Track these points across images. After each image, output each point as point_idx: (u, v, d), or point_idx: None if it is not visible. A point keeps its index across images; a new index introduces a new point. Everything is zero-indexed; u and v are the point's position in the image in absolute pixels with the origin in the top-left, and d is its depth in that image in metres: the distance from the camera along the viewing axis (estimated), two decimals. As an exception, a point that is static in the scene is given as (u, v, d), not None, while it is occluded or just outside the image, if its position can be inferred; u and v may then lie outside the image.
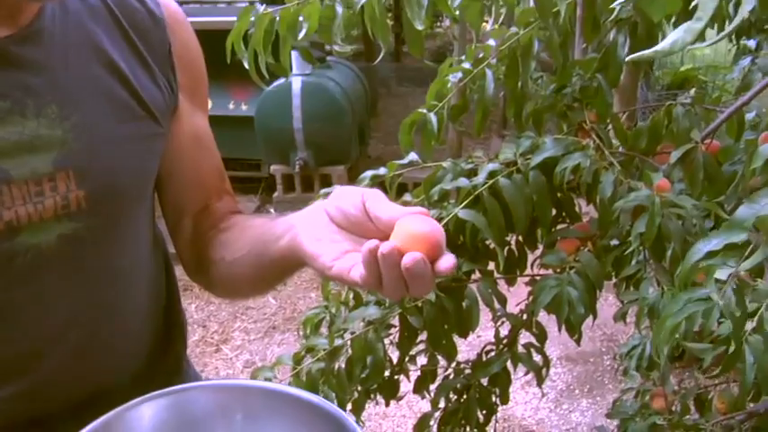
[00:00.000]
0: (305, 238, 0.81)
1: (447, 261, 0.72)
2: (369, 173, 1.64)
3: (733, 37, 2.80)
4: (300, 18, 1.49)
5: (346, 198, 0.80)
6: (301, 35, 1.47)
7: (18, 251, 0.85)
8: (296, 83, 4.90)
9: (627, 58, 1.22)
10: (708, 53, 6.99)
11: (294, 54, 5.10)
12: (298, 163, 4.98)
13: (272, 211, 5.22)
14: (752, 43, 2.57)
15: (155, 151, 0.98)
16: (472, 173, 1.55)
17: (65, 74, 0.87)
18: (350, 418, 0.75)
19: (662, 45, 0.76)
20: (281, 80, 4.93)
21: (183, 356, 1.17)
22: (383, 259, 0.71)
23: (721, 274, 1.10)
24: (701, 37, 0.76)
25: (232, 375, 3.44)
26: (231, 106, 5.26)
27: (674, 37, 0.75)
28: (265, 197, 5.43)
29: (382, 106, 6.96)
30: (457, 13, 1.41)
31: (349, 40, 1.57)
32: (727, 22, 2.76)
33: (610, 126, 1.67)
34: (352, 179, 1.69)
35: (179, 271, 1.13)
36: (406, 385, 1.92)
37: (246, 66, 1.50)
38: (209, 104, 1.11)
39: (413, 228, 0.73)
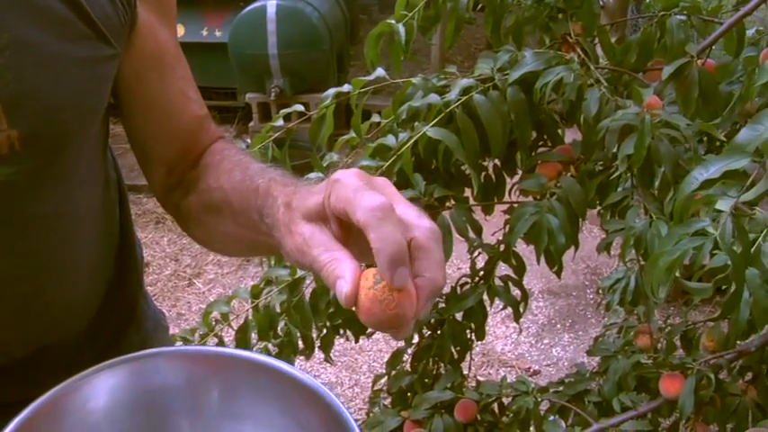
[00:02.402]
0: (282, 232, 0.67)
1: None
2: (332, 90, 1.50)
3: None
4: None
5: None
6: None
7: None
8: (270, 6, 4.69)
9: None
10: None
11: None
12: (273, 91, 4.80)
13: (248, 141, 5.06)
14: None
15: (103, 76, 0.80)
16: (445, 89, 1.42)
17: None
18: (349, 414, 0.61)
19: None
20: (255, 4, 4.74)
21: (139, 301, 1.05)
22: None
23: (722, 204, 0.98)
24: None
25: (204, 310, 3.34)
26: (204, 33, 5.04)
27: None
28: (242, 127, 5.27)
29: (363, 34, 6.74)
30: None
31: None
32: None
33: (596, 40, 1.53)
34: (330, 107, 1.55)
35: (150, 203, 0.99)
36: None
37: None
38: (182, 31, 0.94)
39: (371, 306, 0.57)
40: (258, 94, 4.97)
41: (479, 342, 1.87)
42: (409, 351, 1.87)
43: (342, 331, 1.79)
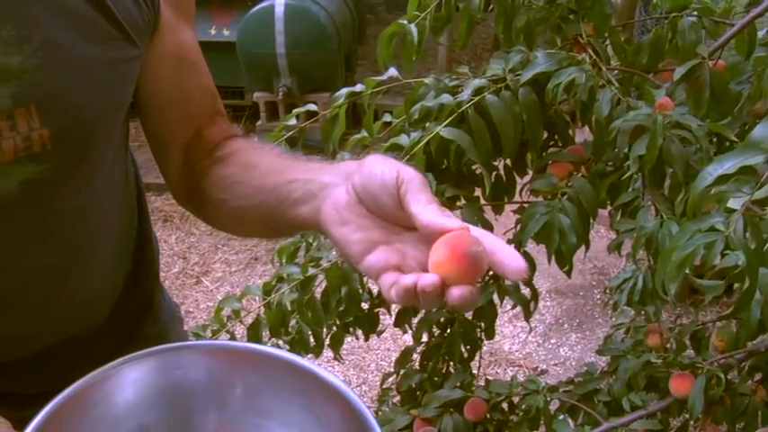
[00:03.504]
0: (330, 219, 0.70)
1: (455, 293, 0.60)
2: (344, 90, 1.51)
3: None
4: None
5: (378, 180, 0.66)
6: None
7: None
8: (278, 6, 4.70)
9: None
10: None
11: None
12: (281, 90, 4.81)
13: (255, 140, 5.07)
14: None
15: (129, 77, 0.83)
16: (457, 90, 1.42)
17: None
18: (368, 410, 0.63)
19: None
20: (264, 3, 4.75)
21: (156, 293, 1.07)
22: (423, 294, 0.60)
23: (735, 202, 0.98)
24: None
25: (213, 308, 3.35)
26: (213, 32, 5.06)
27: None
28: (249, 126, 5.28)
29: (370, 33, 6.74)
30: None
31: None
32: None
33: (607, 41, 1.54)
34: (337, 107, 1.55)
35: (158, 201, 1.01)
36: (389, 319, 1.83)
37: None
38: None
39: (443, 255, 0.61)
40: (266, 93, 4.98)
41: (487, 342, 1.87)
42: (418, 350, 1.88)
43: (351, 329, 1.81)
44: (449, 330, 1.80)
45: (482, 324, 1.78)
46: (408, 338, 2.07)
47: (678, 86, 1.39)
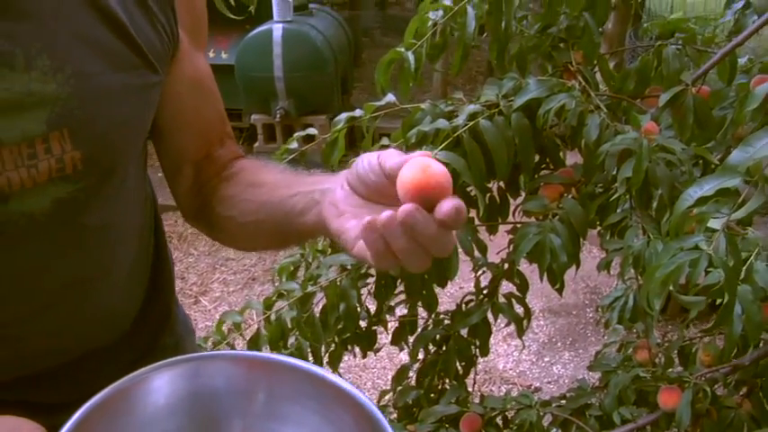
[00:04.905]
0: (328, 215, 0.76)
1: (446, 205, 0.63)
2: (344, 115, 1.57)
3: (725, -16, 2.74)
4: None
5: (364, 164, 0.72)
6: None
7: (11, 218, 0.78)
8: (276, 30, 4.78)
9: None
10: (699, 1, 6.89)
11: (275, 0, 4.96)
12: (279, 112, 4.88)
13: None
14: (745, -13, 2.49)
15: (151, 102, 0.89)
16: (452, 115, 1.48)
17: (54, 20, 0.77)
18: (380, 413, 0.67)
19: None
20: (262, 27, 4.82)
21: (172, 307, 1.12)
22: (385, 230, 0.65)
23: (715, 222, 1.04)
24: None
25: (210, 327, 3.39)
26: (211, 54, 5.13)
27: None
28: (247, 147, 5.34)
29: (366, 56, 6.83)
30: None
31: None
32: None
33: (596, 68, 1.60)
34: (334, 129, 1.62)
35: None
36: (385, 337, 1.88)
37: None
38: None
39: (407, 177, 0.65)
40: (263, 115, 5.04)
41: (482, 360, 1.92)
42: (414, 367, 1.92)
43: (349, 347, 1.85)
44: (444, 347, 1.85)
45: (477, 341, 1.83)
46: (404, 357, 2.12)
47: (663, 112, 1.45)
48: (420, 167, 0.65)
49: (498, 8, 1.52)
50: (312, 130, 1.63)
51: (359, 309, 1.70)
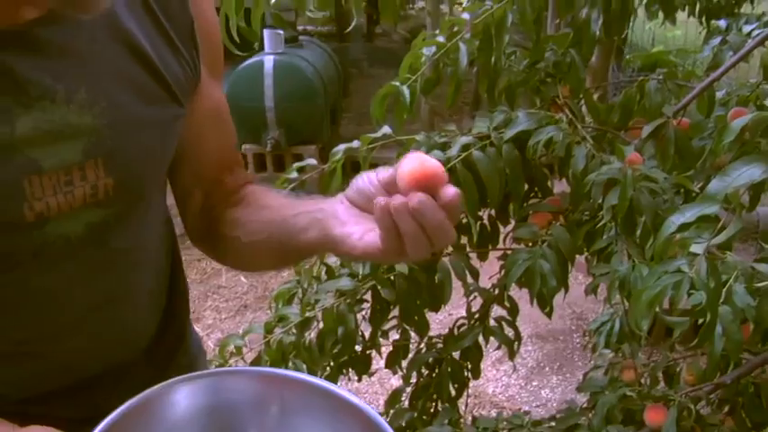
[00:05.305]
0: (330, 225, 0.84)
1: (448, 191, 0.73)
2: (342, 146, 1.63)
3: (703, 19, 2.85)
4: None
5: (362, 180, 0.82)
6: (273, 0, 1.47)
7: (47, 240, 0.83)
8: (267, 61, 4.85)
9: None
10: (679, 35, 7.05)
11: (266, 33, 5.03)
12: (269, 142, 4.94)
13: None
14: (722, 23, 2.60)
15: (175, 133, 0.95)
16: (446, 146, 1.56)
17: (91, 57, 0.83)
18: (388, 426, 0.73)
19: None
20: (254, 59, 4.89)
21: (187, 326, 1.17)
22: (396, 213, 0.73)
23: (696, 247, 1.12)
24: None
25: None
26: (202, 85, 5.20)
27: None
28: (237, 177, 5.39)
29: (354, 87, 6.93)
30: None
31: (322, 22, 1.56)
32: (697, 5, 2.79)
33: (582, 101, 1.68)
34: (324, 159, 1.69)
35: None
36: (378, 362, 1.93)
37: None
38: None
39: (407, 170, 0.73)
40: (254, 144, 5.10)
41: (472, 384, 1.97)
42: (407, 390, 1.97)
43: (345, 370, 1.90)
44: (437, 371, 1.90)
45: (468, 364, 1.89)
46: (395, 382, 2.17)
47: (646, 143, 1.53)
48: (418, 161, 0.74)
49: (488, 45, 1.60)
50: (311, 161, 1.70)
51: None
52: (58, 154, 0.81)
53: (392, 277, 1.65)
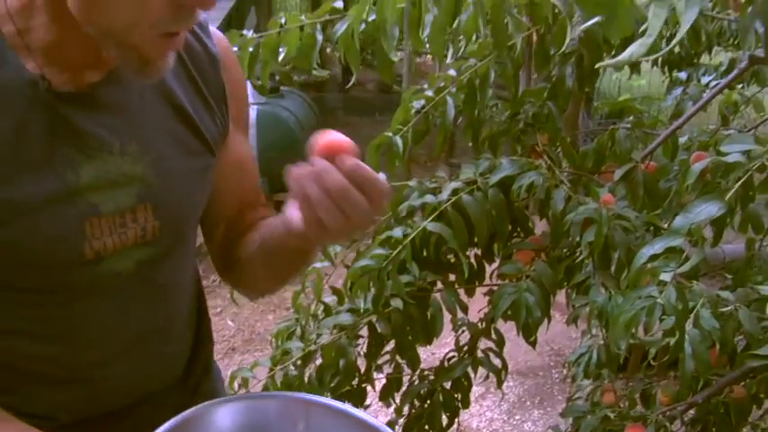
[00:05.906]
0: (289, 216, 0.88)
1: (347, 158, 0.81)
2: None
3: (666, 69, 3.05)
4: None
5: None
6: (280, 58, 1.61)
7: (102, 275, 0.95)
8: (251, 112, 4.95)
9: (597, 65, 1.38)
10: (644, 84, 7.33)
11: (249, 84, 5.13)
12: (253, 190, 5.04)
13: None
14: (683, 75, 2.81)
15: (210, 181, 1.07)
16: (436, 190, 1.70)
17: (141, 114, 0.95)
18: None
19: (623, 56, 0.91)
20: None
21: (212, 356, 1.27)
22: (300, 178, 0.81)
23: (665, 276, 1.27)
24: (651, 51, 0.91)
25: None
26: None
27: (631, 50, 0.91)
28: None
29: (331, 135, 7.06)
30: (426, 45, 1.55)
31: (300, 72, 1.71)
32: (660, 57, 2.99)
33: (559, 148, 1.83)
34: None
35: None
36: (371, 396, 2.03)
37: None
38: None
39: (316, 142, 0.82)
40: (237, 192, 5.19)
41: (458, 419, 2.08)
42: (400, 422, 2.08)
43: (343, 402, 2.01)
44: (429, 401, 2.01)
45: (458, 395, 2.01)
46: (388, 414, 2.26)
47: (618, 185, 1.67)
48: (327, 135, 0.82)
49: (473, 98, 1.76)
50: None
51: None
52: (114, 199, 0.93)
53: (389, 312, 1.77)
